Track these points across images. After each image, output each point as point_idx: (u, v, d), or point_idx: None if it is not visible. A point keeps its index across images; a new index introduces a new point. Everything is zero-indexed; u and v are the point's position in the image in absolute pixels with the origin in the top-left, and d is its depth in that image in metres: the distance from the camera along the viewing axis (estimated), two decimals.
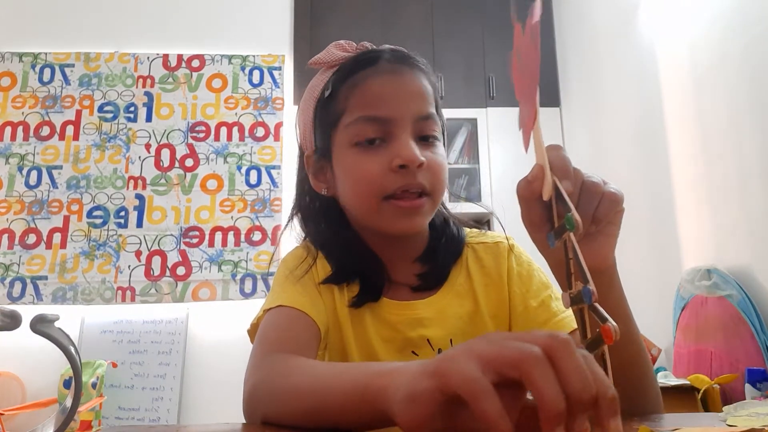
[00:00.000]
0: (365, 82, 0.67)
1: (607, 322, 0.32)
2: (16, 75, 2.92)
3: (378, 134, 0.66)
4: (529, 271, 0.72)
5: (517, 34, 0.43)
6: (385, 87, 0.67)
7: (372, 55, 0.70)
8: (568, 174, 0.44)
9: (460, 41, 3.11)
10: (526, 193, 0.44)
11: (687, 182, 2.05)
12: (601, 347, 0.33)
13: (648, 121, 2.30)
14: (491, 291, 0.72)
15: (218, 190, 2.85)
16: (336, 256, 0.72)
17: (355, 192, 0.68)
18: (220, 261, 2.76)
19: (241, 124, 2.94)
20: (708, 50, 1.94)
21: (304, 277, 0.70)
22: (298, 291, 0.68)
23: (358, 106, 0.67)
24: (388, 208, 0.66)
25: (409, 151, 0.64)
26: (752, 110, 1.72)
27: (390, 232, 0.69)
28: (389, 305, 0.70)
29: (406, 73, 0.68)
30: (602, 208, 0.45)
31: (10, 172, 2.81)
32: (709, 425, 0.46)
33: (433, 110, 0.68)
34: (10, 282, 2.67)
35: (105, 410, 2.47)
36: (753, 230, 1.72)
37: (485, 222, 3.00)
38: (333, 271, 0.71)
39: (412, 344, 0.69)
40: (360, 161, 0.66)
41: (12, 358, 2.53)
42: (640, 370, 0.55)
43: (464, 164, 3.04)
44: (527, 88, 0.42)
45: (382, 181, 0.65)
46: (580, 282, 0.36)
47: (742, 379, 1.56)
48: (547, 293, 0.70)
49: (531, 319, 0.68)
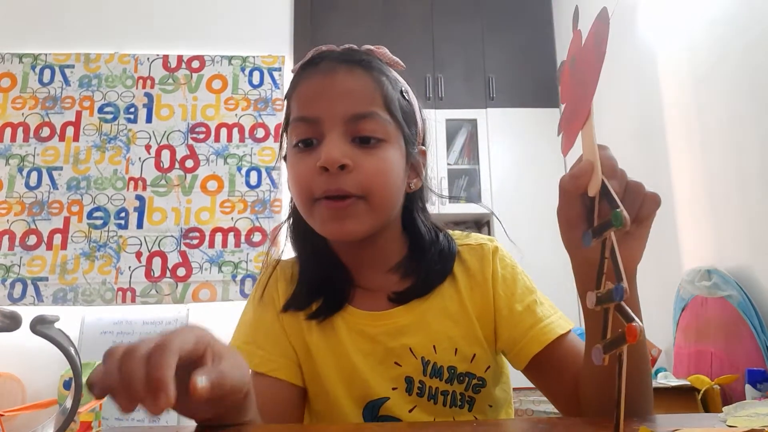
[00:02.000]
0: (302, 84, 0.67)
1: (634, 321, 0.32)
2: (16, 76, 2.92)
3: (310, 134, 0.64)
4: (513, 275, 0.70)
5: (575, 41, 0.44)
6: (316, 87, 0.65)
7: (320, 55, 0.68)
8: (616, 174, 0.43)
9: (460, 41, 3.11)
10: (571, 187, 0.43)
11: (687, 183, 2.05)
12: (619, 347, 0.33)
13: (648, 121, 2.30)
14: (476, 293, 0.69)
15: (218, 191, 2.85)
16: (302, 259, 0.73)
17: (294, 194, 0.67)
18: (221, 262, 2.76)
19: (241, 125, 2.94)
20: (708, 51, 1.94)
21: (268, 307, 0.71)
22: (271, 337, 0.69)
23: (295, 107, 0.67)
24: (318, 210, 0.64)
25: (327, 152, 0.61)
26: (752, 110, 1.72)
27: (326, 235, 0.67)
28: (364, 317, 0.68)
29: (341, 72, 0.65)
30: (645, 209, 0.45)
31: (10, 173, 2.81)
32: (709, 426, 0.46)
33: (372, 110, 0.64)
34: (11, 283, 2.67)
35: (105, 411, 2.47)
36: (753, 230, 1.72)
37: (485, 222, 3.01)
38: (296, 287, 0.71)
39: (394, 354, 0.67)
40: (295, 163, 0.65)
41: (12, 358, 2.53)
42: (643, 374, 0.55)
43: (464, 165, 3.04)
44: (580, 91, 0.43)
45: (310, 183, 0.63)
46: (609, 282, 0.36)
47: (742, 379, 1.55)
48: (531, 298, 0.68)
49: (516, 324, 0.67)
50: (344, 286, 0.70)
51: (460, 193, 2.99)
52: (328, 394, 0.68)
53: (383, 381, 0.67)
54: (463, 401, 0.67)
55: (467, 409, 0.67)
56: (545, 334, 0.65)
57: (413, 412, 0.66)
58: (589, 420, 0.54)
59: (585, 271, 0.49)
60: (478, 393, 0.68)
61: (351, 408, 0.67)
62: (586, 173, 0.42)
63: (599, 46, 0.41)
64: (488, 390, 0.69)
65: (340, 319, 0.69)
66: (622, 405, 0.33)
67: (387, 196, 0.65)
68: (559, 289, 0.74)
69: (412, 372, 0.67)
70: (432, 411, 0.67)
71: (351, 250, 0.70)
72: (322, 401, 0.69)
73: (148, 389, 0.37)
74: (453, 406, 0.67)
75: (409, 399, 0.67)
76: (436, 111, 3.02)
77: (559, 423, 0.51)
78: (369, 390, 0.67)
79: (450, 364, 0.67)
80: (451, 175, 2.98)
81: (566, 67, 0.45)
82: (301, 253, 0.74)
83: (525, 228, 2.33)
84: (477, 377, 0.68)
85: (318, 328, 0.69)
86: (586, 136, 0.42)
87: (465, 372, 0.67)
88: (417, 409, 0.67)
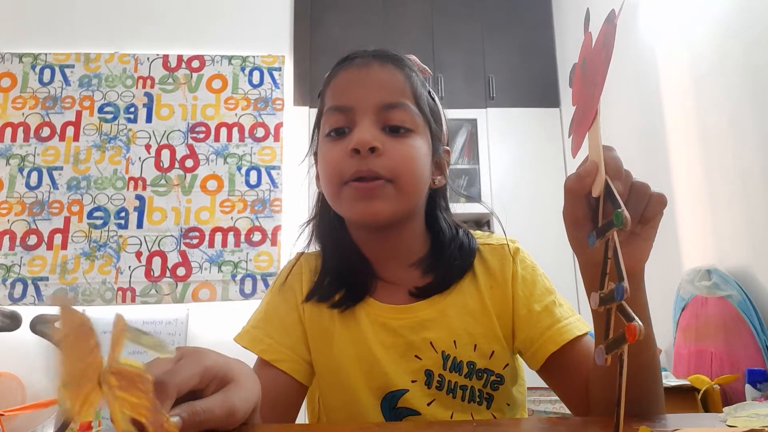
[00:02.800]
0: (337, 76, 0.71)
1: (634, 321, 0.32)
2: (17, 76, 2.92)
3: (343, 123, 0.67)
4: (533, 276, 0.72)
5: (587, 43, 0.44)
6: (350, 78, 0.69)
7: (353, 54, 0.72)
8: (620, 174, 0.44)
9: (460, 41, 3.11)
10: (576, 187, 0.44)
11: (687, 182, 2.05)
12: (621, 347, 0.33)
13: (648, 121, 2.30)
14: (496, 292, 0.71)
15: (218, 190, 2.85)
16: (326, 251, 0.75)
17: (324, 180, 0.70)
18: (220, 261, 2.76)
19: (241, 125, 2.94)
20: (708, 50, 1.94)
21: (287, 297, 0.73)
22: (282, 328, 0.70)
23: (329, 98, 0.70)
24: (347, 192, 0.66)
25: (359, 135, 0.64)
26: (752, 110, 1.72)
27: (351, 217, 0.69)
28: (387, 309, 0.69)
29: (374, 66, 0.69)
30: (650, 209, 0.46)
31: (10, 173, 2.81)
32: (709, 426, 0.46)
33: (402, 100, 0.67)
34: (11, 283, 2.67)
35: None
36: (753, 230, 1.72)
37: (485, 222, 3.01)
38: (319, 277, 0.72)
39: (414, 348, 0.68)
40: (328, 150, 0.68)
41: (12, 358, 2.53)
42: (654, 375, 0.55)
43: (464, 165, 3.04)
44: (589, 92, 0.43)
45: (341, 166, 0.65)
46: (613, 282, 0.36)
47: (742, 379, 1.56)
48: (550, 299, 0.69)
49: (534, 324, 0.68)
50: (366, 278, 0.71)
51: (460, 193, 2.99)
52: (347, 386, 0.68)
53: (403, 373, 0.68)
54: (481, 398, 0.68)
55: (485, 406, 0.68)
56: (562, 335, 0.65)
57: (431, 406, 0.67)
58: (590, 420, 0.54)
59: (591, 272, 0.49)
60: (496, 390, 0.68)
61: (369, 399, 0.68)
62: (590, 174, 0.42)
63: (607, 48, 0.41)
64: (506, 388, 0.69)
65: (362, 310, 0.70)
66: (623, 405, 0.34)
67: (414, 182, 0.67)
68: (560, 289, 0.74)
69: (432, 365, 0.68)
70: (450, 405, 0.67)
71: (375, 242, 0.72)
72: (338, 394, 0.70)
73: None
74: (471, 401, 0.67)
75: (428, 392, 0.67)
76: None
77: (560, 423, 0.51)
78: (388, 381, 0.67)
79: (469, 359, 0.68)
80: (451, 175, 2.89)
81: (577, 69, 0.46)
82: (325, 247, 0.75)
83: (525, 228, 2.33)
84: (495, 374, 0.68)
85: (340, 318, 0.70)
86: (593, 136, 0.43)
87: (484, 368, 0.68)
88: (435, 403, 0.67)
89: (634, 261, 0.49)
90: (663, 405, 0.57)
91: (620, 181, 0.43)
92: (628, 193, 0.45)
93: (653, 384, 0.55)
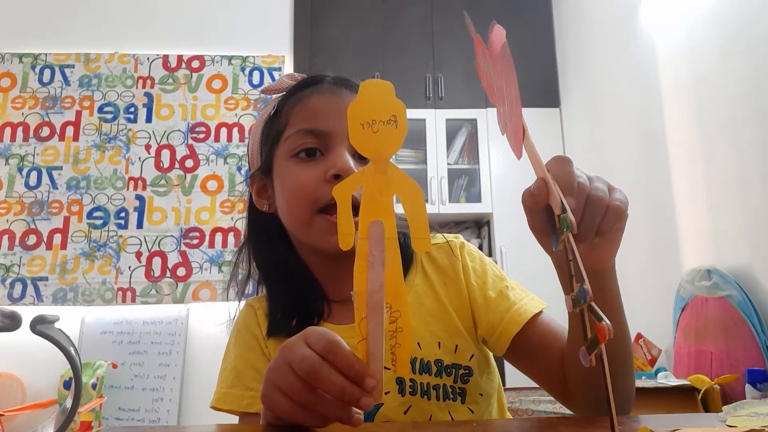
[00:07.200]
0: (307, 99, 0.71)
1: (603, 321, 0.33)
2: (16, 76, 2.93)
3: (316, 145, 0.67)
4: (483, 266, 0.74)
5: (478, 45, 0.45)
6: (325, 103, 0.69)
7: (316, 77, 0.73)
8: (572, 191, 0.45)
9: (460, 41, 3.11)
10: (531, 205, 0.46)
11: (687, 182, 2.05)
12: (598, 347, 0.34)
13: (648, 121, 2.30)
14: (450, 288, 0.72)
15: (218, 190, 2.85)
16: (269, 279, 0.74)
17: (290, 203, 0.69)
18: (221, 262, 2.76)
19: (241, 125, 2.94)
20: (708, 50, 1.94)
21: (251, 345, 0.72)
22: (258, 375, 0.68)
23: (298, 120, 0.70)
24: (320, 222, 0.66)
25: (344, 162, 0.64)
26: (752, 110, 1.72)
27: (321, 247, 0.68)
28: (344, 331, 0.64)
29: (345, 94, 0.71)
30: (606, 221, 0.46)
31: (10, 173, 2.81)
32: (709, 425, 0.46)
33: None
34: (11, 283, 2.67)
35: (105, 411, 2.47)
36: (753, 230, 1.72)
37: (485, 222, 3.01)
38: (271, 313, 0.72)
39: None
40: (296, 172, 0.67)
41: (12, 358, 2.53)
42: (622, 358, 0.57)
43: (464, 164, 3.04)
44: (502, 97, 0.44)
45: (315, 192, 0.65)
46: (578, 283, 0.37)
47: (742, 379, 1.56)
48: (503, 284, 0.71)
49: (492, 309, 0.69)
50: (318, 303, 0.71)
51: (460, 193, 2.99)
52: None
53: None
54: (455, 393, 0.69)
55: (460, 401, 0.69)
56: (521, 315, 0.67)
57: (408, 414, 0.67)
58: (589, 420, 0.54)
59: (563, 274, 0.50)
60: (467, 383, 0.69)
61: None
62: (540, 192, 0.44)
63: (505, 56, 0.42)
64: (476, 379, 0.70)
65: None
66: (612, 405, 0.34)
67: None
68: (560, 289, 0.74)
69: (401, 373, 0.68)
70: (427, 409, 0.67)
71: (330, 265, 0.71)
72: None
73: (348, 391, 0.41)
74: (446, 399, 0.68)
75: (403, 400, 0.67)
76: (436, 111, 3.02)
77: (559, 423, 0.51)
78: None
79: (436, 357, 0.68)
80: (451, 175, 2.97)
81: (480, 68, 0.47)
82: (268, 274, 0.75)
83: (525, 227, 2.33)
84: (463, 366, 0.69)
85: None
86: (530, 154, 0.45)
87: (451, 363, 0.69)
88: (412, 410, 0.67)
89: (601, 261, 0.50)
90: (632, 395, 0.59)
91: (573, 196, 0.44)
92: (584, 206, 0.45)
93: (621, 366, 0.57)
